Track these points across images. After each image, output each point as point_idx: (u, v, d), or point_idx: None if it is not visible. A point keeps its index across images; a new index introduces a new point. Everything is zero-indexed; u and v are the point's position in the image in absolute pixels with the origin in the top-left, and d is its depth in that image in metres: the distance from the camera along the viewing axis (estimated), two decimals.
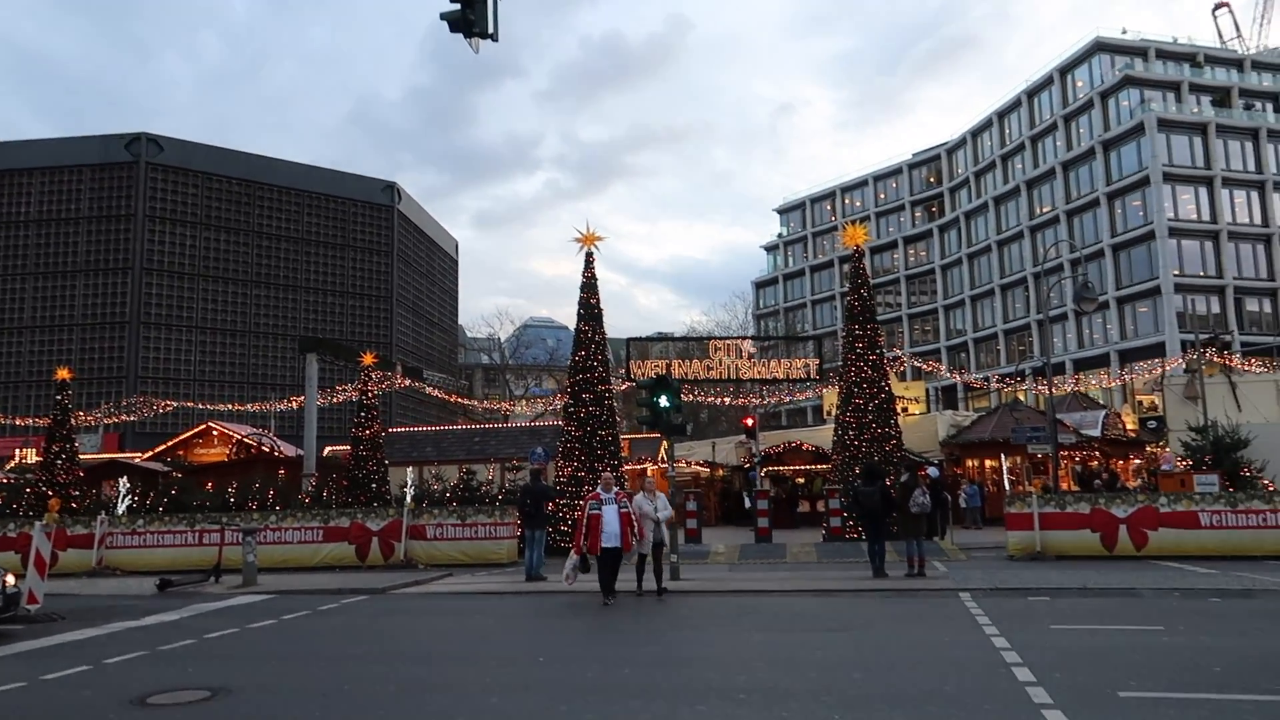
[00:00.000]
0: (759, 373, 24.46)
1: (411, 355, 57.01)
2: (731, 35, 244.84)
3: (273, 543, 19.72)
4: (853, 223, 24.54)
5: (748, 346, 24.47)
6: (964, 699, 6.38)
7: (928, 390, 61.81)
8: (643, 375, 24.89)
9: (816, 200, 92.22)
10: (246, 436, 32.43)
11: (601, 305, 24.82)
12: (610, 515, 11.99)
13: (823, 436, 33.89)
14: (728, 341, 24.66)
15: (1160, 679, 6.73)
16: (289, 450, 32.03)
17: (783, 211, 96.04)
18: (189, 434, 37.69)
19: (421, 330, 61.65)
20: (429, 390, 33.36)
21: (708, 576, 15.09)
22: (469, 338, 71.27)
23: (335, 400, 33.76)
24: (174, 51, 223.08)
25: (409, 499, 20.51)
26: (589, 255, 24.73)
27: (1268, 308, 58.18)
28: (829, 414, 42.26)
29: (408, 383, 32.36)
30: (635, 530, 12.22)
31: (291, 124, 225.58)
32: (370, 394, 24.97)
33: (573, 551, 12.42)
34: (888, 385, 24.19)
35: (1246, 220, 58.57)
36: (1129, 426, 36.21)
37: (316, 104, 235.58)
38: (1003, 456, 24.50)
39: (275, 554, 19.54)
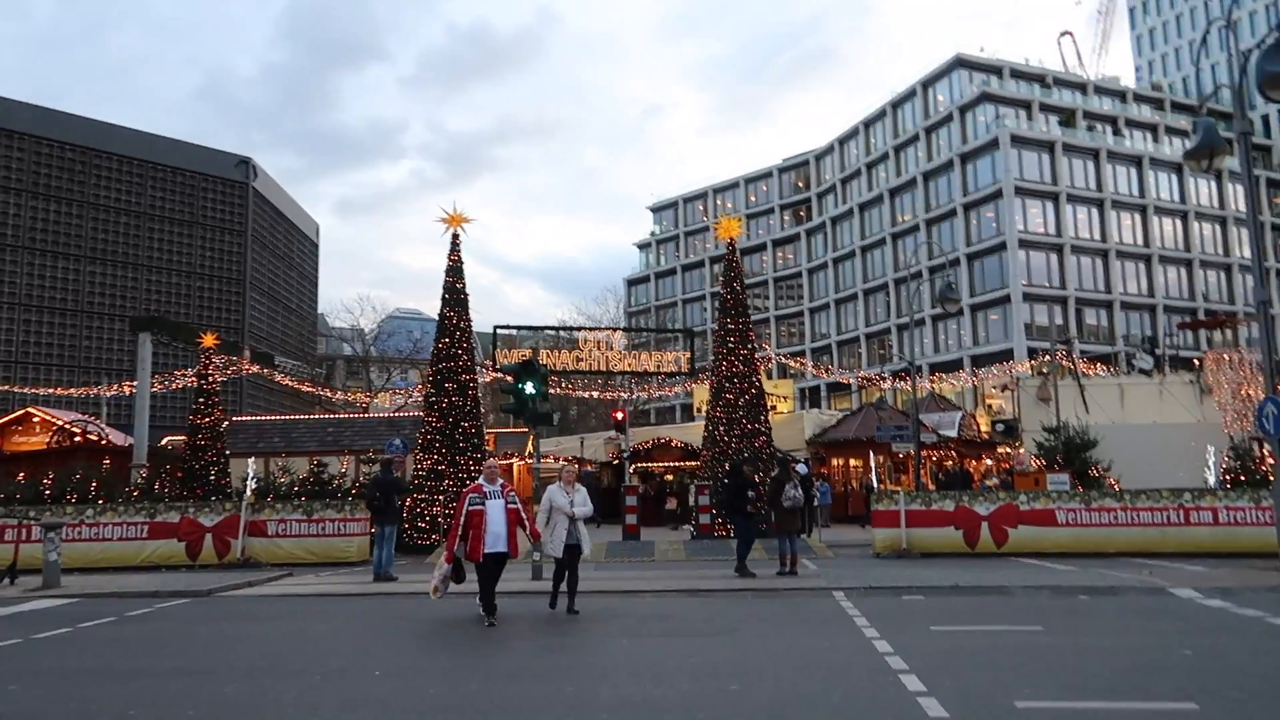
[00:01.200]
0: (630, 365, 23.79)
1: (266, 342, 53.77)
2: (601, 33, 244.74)
3: (89, 539, 17.77)
4: (727, 215, 24.18)
5: (618, 339, 23.77)
6: (852, 711, 5.77)
7: (796, 390, 62.82)
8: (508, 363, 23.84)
9: (689, 200, 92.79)
10: (70, 423, 29.53)
11: (467, 291, 23.65)
12: (495, 512, 9.73)
13: (692, 433, 33.61)
14: (598, 333, 23.92)
15: (1051, 685, 6.32)
16: (119, 439, 29.36)
17: (656, 210, 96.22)
18: (6, 420, 34.18)
19: (278, 316, 58.34)
20: (279, 378, 31.19)
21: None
22: (330, 327, 68.11)
23: (175, 386, 31.20)
24: (3, 11, 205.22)
25: (248, 492, 18.86)
26: (455, 237, 23.54)
27: (1104, 320, 61.79)
28: (699, 411, 42.16)
29: (256, 369, 30.17)
30: (526, 529, 10.29)
31: (133, 95, 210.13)
32: (211, 379, 23.00)
33: (443, 558, 9.96)
34: (759, 381, 23.95)
35: (1087, 235, 62.05)
36: (982, 428, 37.46)
37: (161, 75, 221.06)
38: (871, 455, 24.64)
39: (93, 552, 17.60)
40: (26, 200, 46.96)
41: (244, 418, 27.09)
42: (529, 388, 13.08)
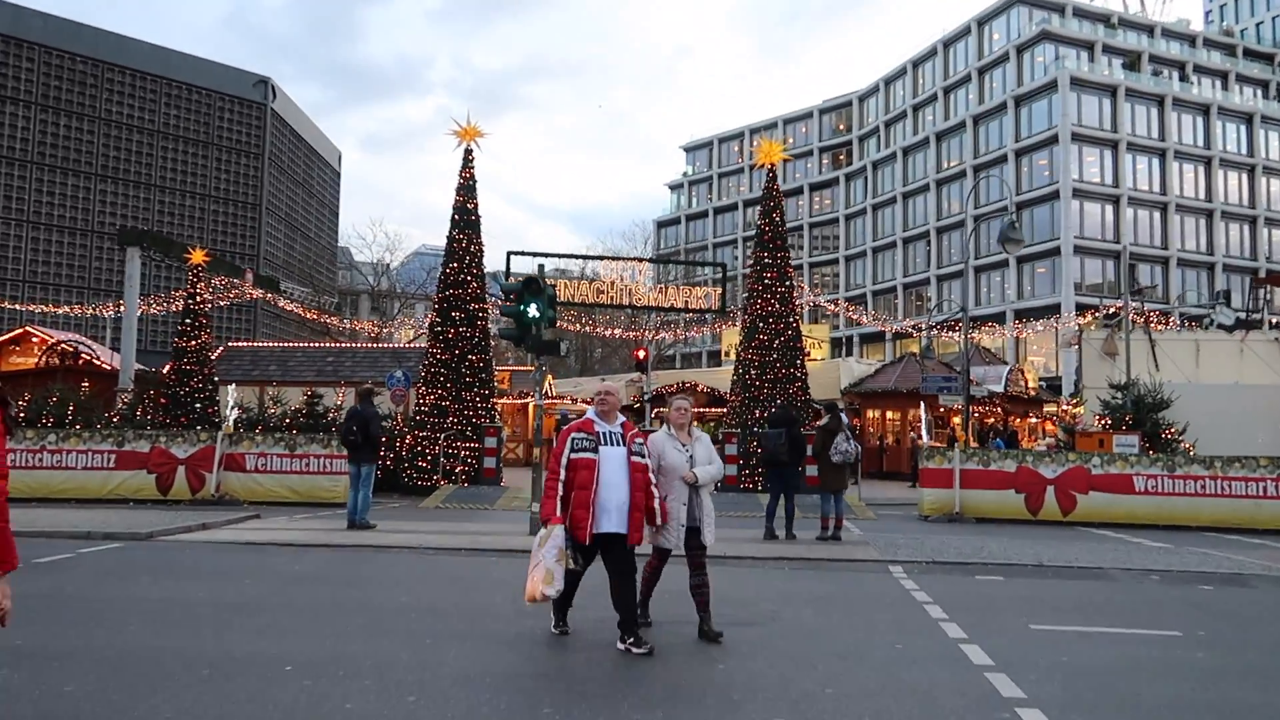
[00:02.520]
0: (656, 300, 21.68)
1: (283, 270, 52.11)
2: None
3: (52, 467, 16.08)
4: (768, 138, 21.80)
5: (645, 271, 21.60)
6: None
7: (842, 334, 60.52)
8: None
9: (724, 140, 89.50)
10: (62, 344, 27.95)
11: (480, 213, 21.58)
12: (614, 468, 5.92)
13: (720, 378, 31.54)
14: (623, 264, 21.77)
15: None
16: (114, 362, 27.77)
17: (689, 150, 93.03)
18: (4, 339, 32.80)
19: (295, 244, 56.60)
20: (284, 304, 29.43)
21: None
22: (355, 261, 66.29)
23: (175, 308, 29.46)
24: None
25: (228, 422, 17.11)
26: (468, 153, 21.47)
27: (1159, 277, 58.61)
28: (727, 355, 40.02)
29: (259, 293, 28.37)
30: (657, 505, 6.09)
31: (158, 19, 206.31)
32: (200, 298, 21.15)
33: (553, 521, 5.93)
34: (796, 321, 21.78)
35: (1146, 187, 58.61)
36: (1030, 384, 35.10)
37: (188, 2, 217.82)
38: (918, 408, 22.50)
39: (54, 482, 15.95)
40: (35, 113, 45.17)
41: (239, 343, 25.36)
42: (532, 310, 11.04)
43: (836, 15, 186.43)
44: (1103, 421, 20.87)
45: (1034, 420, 36.73)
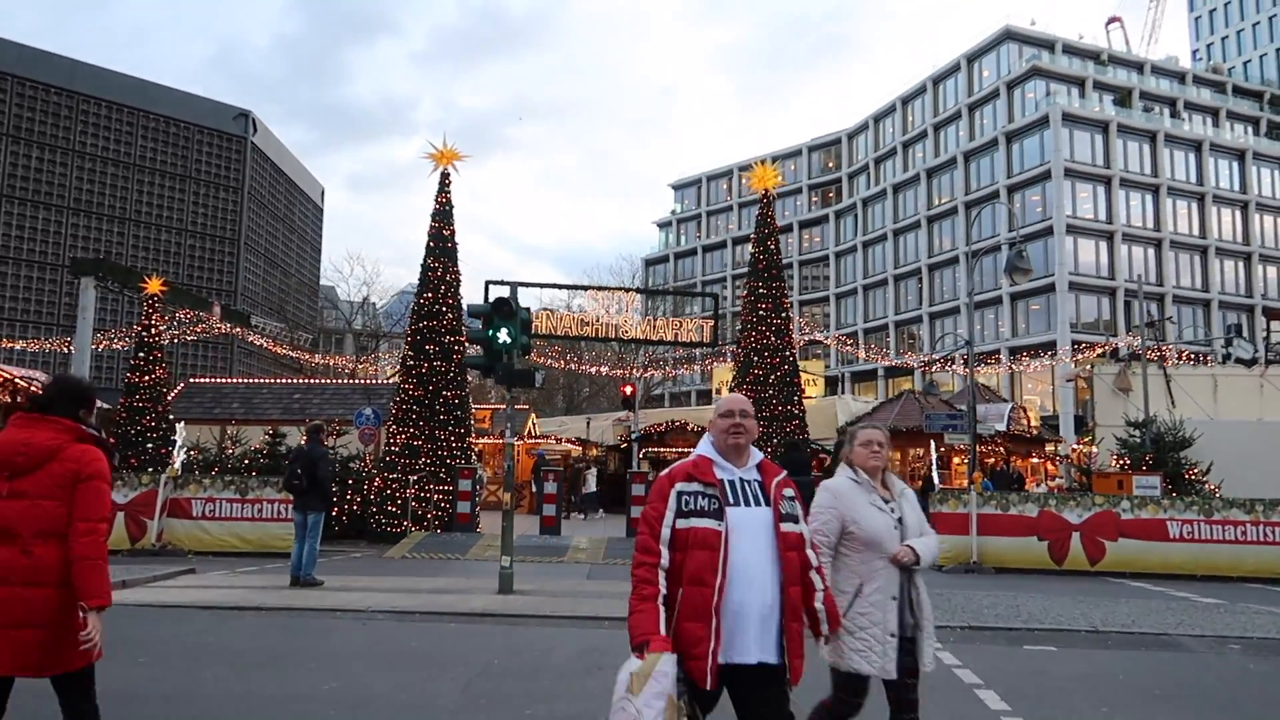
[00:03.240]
0: (644, 333, 20.36)
1: (261, 308, 50.69)
2: (613, 12, 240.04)
3: None
4: (762, 163, 20.68)
5: (632, 301, 20.30)
6: None
7: (833, 373, 59.30)
8: None
9: (713, 178, 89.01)
10: (19, 378, 26.38)
11: (457, 240, 20.32)
12: (754, 541, 3.25)
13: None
14: (609, 294, 20.46)
15: None
16: None
17: (677, 187, 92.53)
18: None
19: (274, 280, 55.20)
20: (254, 339, 27.97)
21: (556, 588, 10.85)
22: (342, 300, 64.93)
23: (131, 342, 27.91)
24: None
25: (175, 463, 15.63)
26: (444, 177, 20.28)
27: (1155, 313, 57.69)
28: (719, 393, 38.69)
29: (226, 327, 26.95)
30: (820, 593, 3.42)
31: (146, 62, 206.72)
32: (156, 330, 19.74)
33: (650, 640, 3.06)
34: (793, 354, 20.52)
35: (1140, 223, 57.99)
36: (1033, 422, 33.85)
37: (174, 43, 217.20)
38: (927, 446, 21.21)
39: None
40: (6, 145, 43.90)
41: (201, 379, 23.90)
42: (502, 335, 9.70)
43: (816, 60, 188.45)
44: (1121, 461, 19.58)
45: (1035, 460, 35.43)
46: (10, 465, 3.39)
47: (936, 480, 18.12)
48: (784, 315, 20.43)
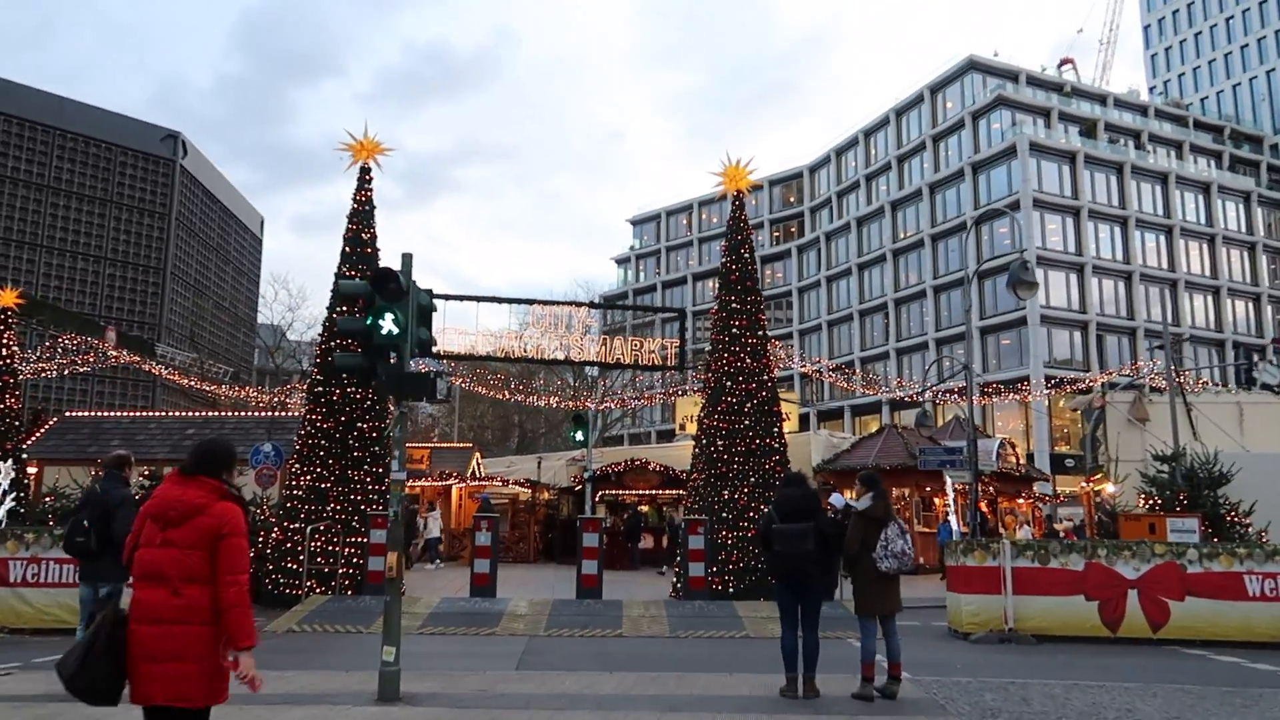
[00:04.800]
0: (600, 354, 17.43)
1: (190, 341, 46.98)
2: (559, 56, 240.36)
3: None
4: (736, 164, 18.01)
5: (584, 317, 17.44)
6: None
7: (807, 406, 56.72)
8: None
9: (672, 213, 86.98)
10: None
11: (378, 245, 17.33)
12: None
13: (675, 455, 27.23)
14: (557, 309, 17.52)
15: None
16: None
17: (636, 223, 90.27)
18: None
19: (205, 313, 51.46)
20: (153, 369, 24.56)
21: (465, 690, 7.66)
22: (289, 340, 61.20)
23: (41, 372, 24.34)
24: None
25: None
26: (364, 172, 17.38)
27: (1127, 348, 56.15)
28: (681, 428, 35.70)
29: (123, 355, 23.52)
30: None
31: (82, 99, 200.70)
32: (6, 352, 16.38)
33: None
34: (772, 379, 17.67)
35: (1109, 256, 56.60)
36: (1021, 459, 31.37)
37: (113, 82, 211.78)
38: (948, 484, 18.49)
39: None
40: None
41: (78, 414, 20.48)
42: (386, 323, 6.74)
43: (762, 105, 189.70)
44: (1149, 501, 16.97)
45: (1021, 501, 32.89)
46: (164, 518, 3.95)
47: (956, 526, 15.27)
48: (760, 334, 17.62)
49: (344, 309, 16.47)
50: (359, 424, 16.05)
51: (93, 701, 3.83)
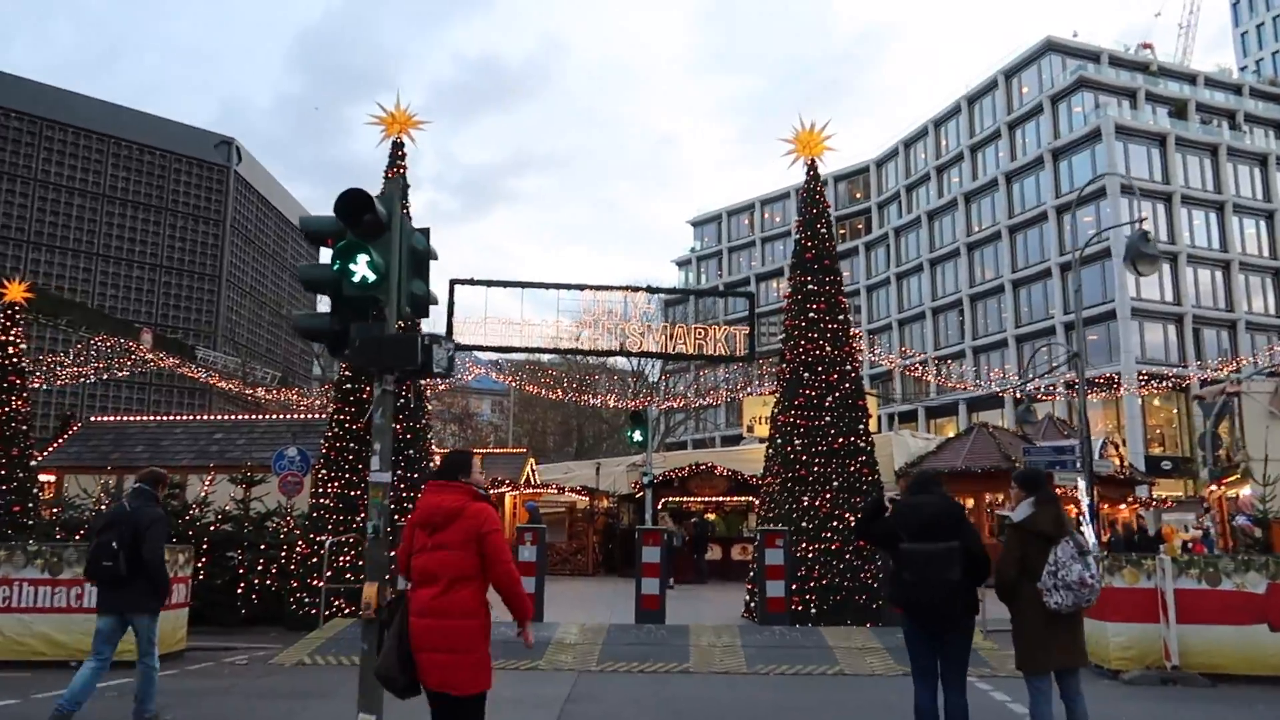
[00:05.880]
0: (658, 343, 15.51)
1: (246, 351, 46.37)
2: (607, 63, 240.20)
3: None
4: (810, 128, 15.94)
5: (642, 305, 15.54)
6: None
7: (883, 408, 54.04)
8: (470, 336, 15.68)
9: (733, 213, 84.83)
10: None
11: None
12: None
13: (744, 458, 25.15)
14: (611, 294, 15.65)
15: None
16: None
17: (696, 224, 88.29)
18: None
19: (262, 321, 50.92)
20: (193, 373, 23.42)
21: None
22: None
23: (66, 379, 23.33)
24: (22, 40, 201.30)
25: None
26: (396, 147, 15.78)
27: (1226, 341, 52.31)
28: (749, 430, 33.52)
29: (160, 359, 22.36)
30: None
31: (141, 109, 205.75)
32: (15, 349, 15.09)
33: None
34: (856, 369, 15.55)
35: (1205, 244, 52.86)
36: (1126, 460, 28.54)
37: (178, 104, 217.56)
38: (1081, 485, 16.25)
39: None
40: None
41: (103, 419, 19.24)
42: (359, 268, 4.94)
43: (816, 105, 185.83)
44: None
45: (1123, 508, 29.95)
46: (430, 524, 4.41)
47: (1091, 537, 12.97)
48: (841, 318, 15.51)
49: None
50: (392, 424, 14.34)
51: (388, 688, 4.32)
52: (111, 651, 6.96)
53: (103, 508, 13.52)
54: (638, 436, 17.70)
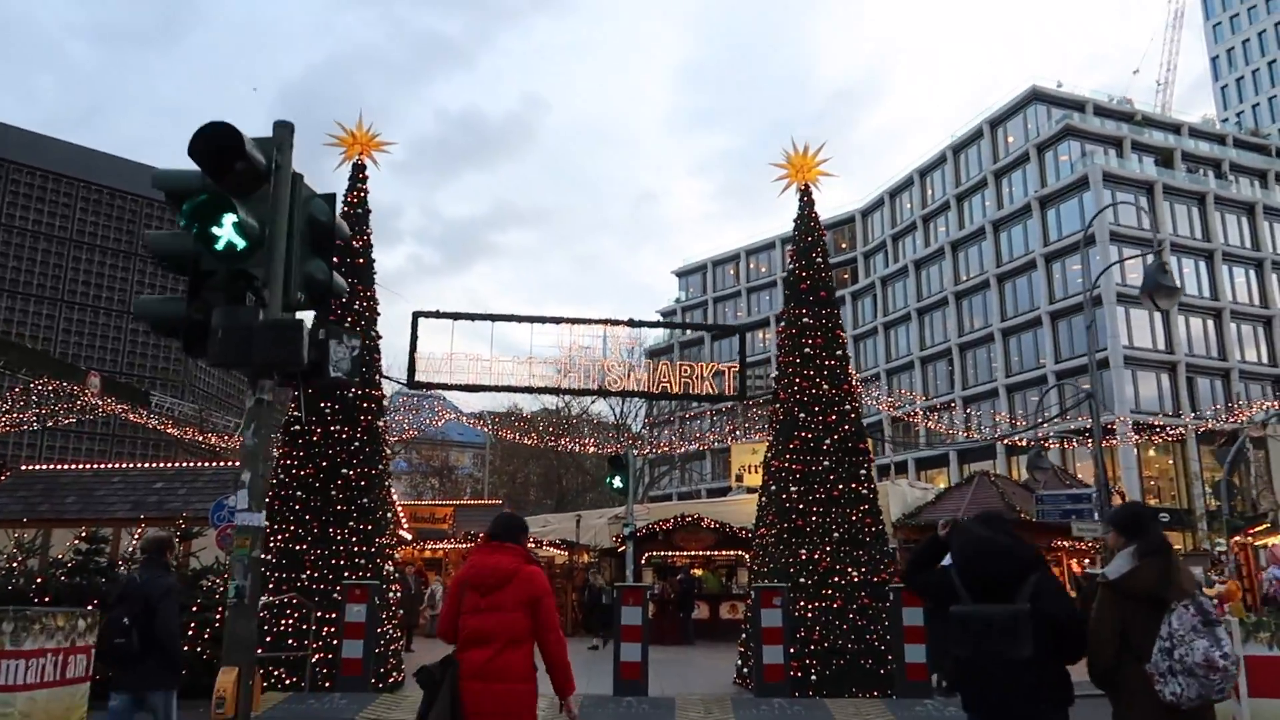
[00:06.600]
0: (640, 382, 14.20)
1: (217, 401, 44.67)
2: (586, 121, 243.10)
3: None
4: (804, 152, 14.88)
5: (623, 337, 14.27)
6: None
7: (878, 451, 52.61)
8: (434, 374, 14.36)
9: (719, 263, 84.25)
10: None
11: (374, 256, 14.46)
12: None
13: (731, 511, 23.70)
14: (590, 328, 14.38)
15: None
16: None
17: (681, 275, 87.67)
18: None
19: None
20: (137, 419, 21.85)
21: None
22: None
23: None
24: (8, 94, 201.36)
25: None
26: (357, 169, 14.58)
27: (1220, 391, 51.42)
28: (738, 480, 32.01)
29: (109, 405, 20.82)
30: None
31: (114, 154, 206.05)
32: None
33: None
34: (855, 410, 14.24)
35: (1195, 292, 52.28)
36: None
37: (162, 159, 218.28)
38: (1237, 540, 14.83)
39: None
40: None
41: (33, 466, 17.70)
42: (223, 230, 3.62)
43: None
44: None
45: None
46: (483, 585, 4.37)
47: (1206, 584, 11.52)
48: (839, 354, 14.25)
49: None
50: (343, 470, 12.93)
51: None
52: None
53: (14, 565, 12.02)
54: (618, 483, 16.30)
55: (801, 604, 12.39)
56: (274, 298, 3.98)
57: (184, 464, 16.96)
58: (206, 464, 17.25)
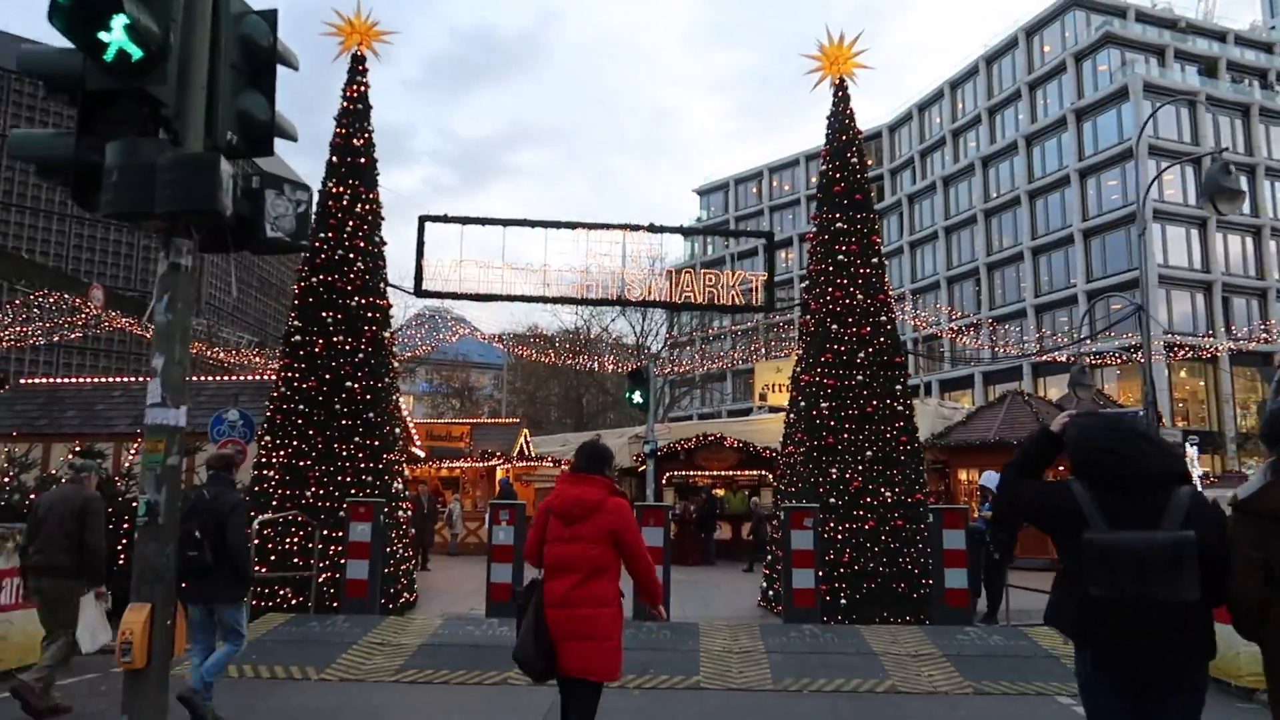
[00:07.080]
0: (659, 289, 13.33)
1: (230, 319, 44.14)
2: (601, 36, 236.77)
3: None
4: (839, 42, 13.67)
5: (643, 247, 13.34)
6: None
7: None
8: (443, 283, 13.53)
9: (741, 181, 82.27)
10: None
11: (377, 155, 13.52)
12: None
13: (755, 430, 23.03)
14: (607, 233, 13.46)
15: None
16: None
17: (702, 193, 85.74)
18: None
19: (251, 290, 48.58)
20: (142, 333, 21.35)
21: None
22: None
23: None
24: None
25: None
26: (357, 61, 13.55)
27: (1257, 311, 49.95)
28: (761, 400, 31.29)
29: (114, 319, 20.21)
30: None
31: None
32: None
33: None
34: (891, 321, 13.34)
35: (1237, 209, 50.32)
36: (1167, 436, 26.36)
37: None
38: (1193, 453, 14.07)
39: None
40: None
41: (33, 380, 17.14)
42: (114, 32, 2.74)
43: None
44: None
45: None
46: (569, 515, 4.44)
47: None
48: (875, 262, 13.28)
49: (329, 234, 12.66)
50: (348, 383, 12.22)
51: (526, 673, 4.41)
52: (212, 639, 6.79)
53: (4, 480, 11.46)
54: (638, 398, 15.55)
55: (831, 525, 11.71)
56: (192, 135, 3.12)
57: (188, 378, 16.33)
58: (213, 378, 16.63)
